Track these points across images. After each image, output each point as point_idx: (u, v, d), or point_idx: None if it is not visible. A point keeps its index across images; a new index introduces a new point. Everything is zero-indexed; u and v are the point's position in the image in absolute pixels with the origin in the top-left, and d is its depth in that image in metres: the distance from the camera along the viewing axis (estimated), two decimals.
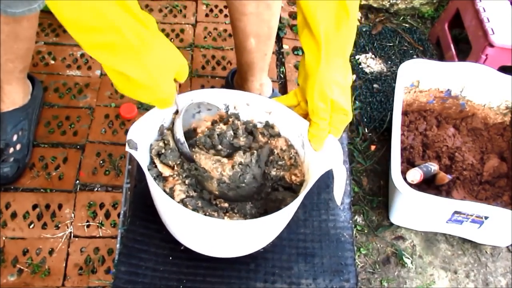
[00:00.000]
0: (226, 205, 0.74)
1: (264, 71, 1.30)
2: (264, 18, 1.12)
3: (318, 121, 0.72)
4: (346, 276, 0.80)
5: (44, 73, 1.46)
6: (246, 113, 0.84)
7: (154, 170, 0.76)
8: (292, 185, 0.80)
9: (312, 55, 0.70)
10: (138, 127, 0.72)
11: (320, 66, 0.69)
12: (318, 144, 0.75)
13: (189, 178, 0.76)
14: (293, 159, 0.81)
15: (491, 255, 1.32)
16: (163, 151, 0.76)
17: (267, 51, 1.23)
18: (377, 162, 1.45)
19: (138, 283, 0.75)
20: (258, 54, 1.22)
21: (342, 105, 0.71)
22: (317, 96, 0.70)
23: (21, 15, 1.03)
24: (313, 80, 0.70)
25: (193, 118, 0.81)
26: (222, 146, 0.80)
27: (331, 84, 0.69)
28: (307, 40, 0.71)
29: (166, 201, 0.67)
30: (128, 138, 0.70)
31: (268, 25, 1.15)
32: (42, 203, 1.21)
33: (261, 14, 1.11)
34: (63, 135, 1.34)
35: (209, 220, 0.67)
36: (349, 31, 0.69)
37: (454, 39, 1.69)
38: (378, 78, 1.64)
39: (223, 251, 0.78)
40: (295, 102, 0.79)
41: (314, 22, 0.68)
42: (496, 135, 1.42)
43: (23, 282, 1.10)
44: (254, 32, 1.16)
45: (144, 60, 0.61)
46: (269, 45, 1.22)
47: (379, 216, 1.35)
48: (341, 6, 0.67)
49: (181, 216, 0.69)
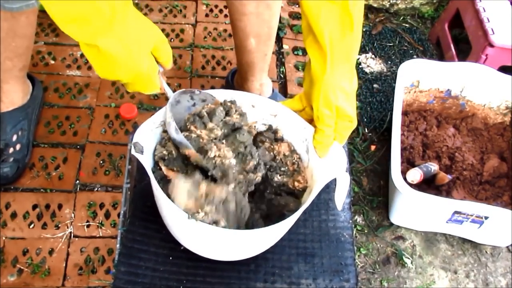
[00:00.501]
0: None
1: (264, 71, 1.30)
2: (264, 18, 1.12)
3: (323, 128, 0.73)
4: (346, 276, 0.80)
5: (44, 73, 1.46)
6: (251, 115, 0.83)
7: (158, 172, 0.75)
8: (295, 190, 0.80)
9: (317, 62, 0.70)
10: (144, 130, 0.71)
11: (325, 72, 0.69)
12: (323, 151, 0.75)
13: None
14: (296, 164, 0.81)
15: (491, 255, 1.32)
16: (166, 158, 0.75)
17: (267, 51, 1.23)
18: (377, 162, 1.45)
19: (138, 283, 0.75)
20: (258, 54, 1.22)
21: (347, 111, 0.71)
22: (322, 103, 0.70)
23: (19, 10, 1.03)
24: (318, 86, 0.70)
25: (188, 110, 0.79)
26: (214, 124, 0.76)
27: (336, 90, 0.69)
28: (312, 46, 0.71)
29: (170, 207, 0.67)
30: (134, 141, 0.69)
31: (268, 25, 1.15)
32: (42, 203, 1.21)
33: (261, 14, 1.11)
34: (63, 135, 1.34)
35: (213, 229, 0.66)
36: (353, 37, 0.69)
37: (454, 39, 1.69)
38: (378, 78, 1.64)
39: (226, 255, 0.78)
40: (300, 107, 0.79)
41: (318, 28, 0.68)
42: (496, 135, 1.42)
43: (23, 282, 1.10)
44: (254, 32, 1.15)
45: (116, 30, 0.61)
46: (269, 45, 1.22)
47: (379, 216, 1.35)
48: (345, 13, 0.67)
49: (185, 222, 0.68)
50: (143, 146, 0.70)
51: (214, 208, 0.70)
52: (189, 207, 0.68)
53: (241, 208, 0.73)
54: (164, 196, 0.67)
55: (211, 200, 0.71)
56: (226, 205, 0.71)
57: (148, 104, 1.43)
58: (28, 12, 1.06)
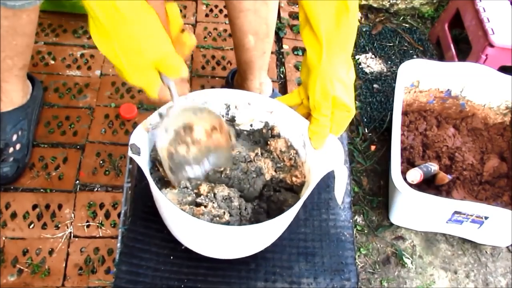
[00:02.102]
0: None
1: (264, 70, 1.30)
2: (261, 15, 1.13)
3: (319, 117, 0.72)
4: (347, 275, 0.80)
5: (44, 73, 1.46)
6: (247, 113, 0.84)
7: (156, 173, 0.75)
8: (293, 186, 0.80)
9: (313, 51, 0.70)
10: (140, 131, 0.71)
11: (321, 61, 0.68)
12: (319, 141, 0.74)
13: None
14: (293, 160, 0.81)
15: (491, 255, 1.32)
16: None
17: (266, 49, 1.23)
18: (377, 162, 1.45)
19: (139, 282, 0.75)
20: (256, 52, 1.22)
21: (344, 101, 0.69)
22: (319, 92, 0.69)
23: (21, 8, 1.03)
24: (315, 75, 0.69)
25: (194, 114, 0.77)
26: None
27: (333, 80, 0.69)
28: (308, 36, 0.70)
29: (169, 206, 0.67)
30: (131, 143, 0.69)
31: (266, 22, 1.15)
32: (42, 203, 1.21)
33: (258, 10, 1.11)
34: (63, 135, 1.34)
35: (212, 226, 0.66)
36: (350, 27, 0.69)
37: (454, 39, 1.70)
38: (378, 78, 1.64)
39: (225, 253, 0.78)
40: (298, 100, 0.78)
41: (314, 18, 0.67)
42: (496, 135, 1.42)
43: (23, 282, 1.10)
44: (252, 29, 1.16)
45: (112, 36, 0.56)
46: (268, 43, 1.21)
47: (379, 216, 1.35)
48: (342, 2, 0.67)
49: (184, 221, 0.68)
50: (140, 148, 0.70)
51: (216, 204, 0.71)
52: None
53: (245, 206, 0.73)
54: (163, 197, 0.67)
55: (212, 197, 0.72)
56: (229, 201, 0.71)
57: (148, 104, 1.43)
58: (29, 10, 1.06)
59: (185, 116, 0.75)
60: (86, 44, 1.55)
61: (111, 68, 1.50)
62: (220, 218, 0.69)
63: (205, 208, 0.70)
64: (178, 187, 0.73)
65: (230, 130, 0.79)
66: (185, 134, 0.75)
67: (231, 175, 0.77)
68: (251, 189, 0.77)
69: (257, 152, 0.80)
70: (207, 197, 0.71)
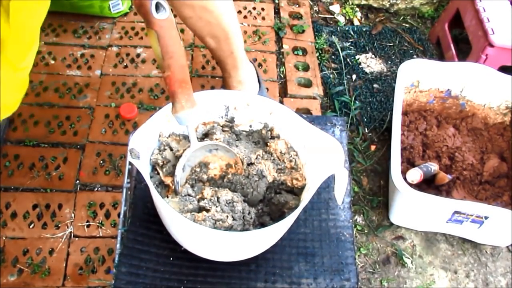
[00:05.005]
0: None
1: (239, 69, 1.27)
2: (208, 20, 1.09)
3: None
4: (347, 275, 0.80)
5: (44, 73, 1.46)
6: (247, 114, 0.84)
7: (156, 177, 0.75)
8: (294, 188, 0.80)
9: None
10: (139, 135, 0.71)
11: None
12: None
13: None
14: (293, 161, 0.81)
15: (491, 255, 1.32)
16: (161, 164, 0.75)
17: (233, 50, 1.20)
18: (377, 162, 1.45)
19: (139, 283, 0.75)
20: (223, 53, 1.20)
21: None
22: None
23: None
24: None
25: (209, 152, 0.79)
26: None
27: None
28: None
29: (168, 211, 0.67)
30: (130, 147, 0.69)
31: (220, 26, 1.11)
32: (42, 203, 1.21)
33: (202, 17, 1.08)
34: (63, 135, 1.34)
35: (212, 231, 0.66)
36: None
37: (454, 39, 1.69)
38: (378, 78, 1.64)
39: (226, 256, 0.78)
40: None
41: None
42: (496, 135, 1.42)
43: (23, 282, 1.10)
44: (208, 33, 1.13)
45: None
46: (232, 44, 1.18)
47: (379, 216, 1.35)
48: None
49: (184, 226, 0.68)
50: (140, 152, 0.70)
51: (220, 208, 0.71)
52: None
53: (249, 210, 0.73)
54: (162, 201, 0.67)
55: (216, 200, 0.72)
56: (232, 206, 0.71)
57: (148, 104, 1.43)
58: None
59: (201, 154, 0.77)
60: (86, 44, 1.55)
61: (111, 68, 1.50)
62: (223, 222, 0.69)
63: (208, 212, 0.70)
64: (180, 195, 0.74)
65: (244, 159, 0.79)
66: (201, 172, 0.77)
67: (233, 179, 0.77)
68: (255, 192, 0.77)
69: (258, 155, 0.80)
70: (211, 201, 0.72)
